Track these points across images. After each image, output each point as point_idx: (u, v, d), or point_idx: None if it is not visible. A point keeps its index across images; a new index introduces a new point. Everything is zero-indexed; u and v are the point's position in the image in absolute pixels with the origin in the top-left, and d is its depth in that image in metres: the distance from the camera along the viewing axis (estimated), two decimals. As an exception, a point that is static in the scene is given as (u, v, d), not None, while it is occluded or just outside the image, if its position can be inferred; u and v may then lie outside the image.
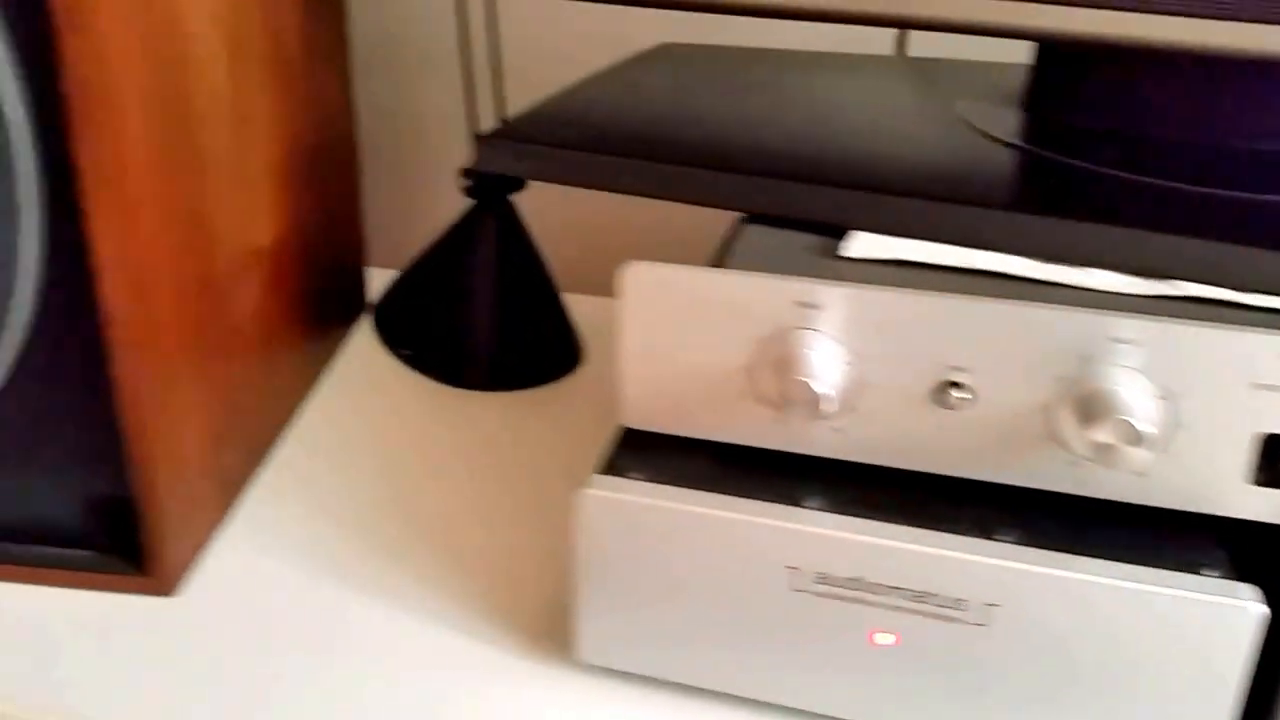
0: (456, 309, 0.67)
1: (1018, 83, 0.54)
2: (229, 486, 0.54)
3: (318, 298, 0.64)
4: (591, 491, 0.41)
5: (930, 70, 0.61)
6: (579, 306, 0.75)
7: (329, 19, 0.63)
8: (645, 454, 0.43)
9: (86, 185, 0.40)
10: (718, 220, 0.46)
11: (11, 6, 0.39)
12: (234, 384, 0.53)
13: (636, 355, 0.41)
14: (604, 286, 0.80)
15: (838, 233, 0.44)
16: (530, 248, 0.68)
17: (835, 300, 0.39)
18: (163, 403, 0.46)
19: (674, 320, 0.40)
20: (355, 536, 0.53)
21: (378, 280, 0.77)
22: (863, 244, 0.42)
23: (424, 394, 0.66)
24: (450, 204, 0.85)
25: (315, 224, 0.63)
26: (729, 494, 0.41)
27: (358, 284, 0.73)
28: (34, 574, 0.48)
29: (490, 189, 0.66)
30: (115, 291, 0.42)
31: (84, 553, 0.48)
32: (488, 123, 0.72)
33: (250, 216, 0.54)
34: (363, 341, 0.71)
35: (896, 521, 0.39)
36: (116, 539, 0.48)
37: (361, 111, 0.84)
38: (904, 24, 0.45)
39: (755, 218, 0.45)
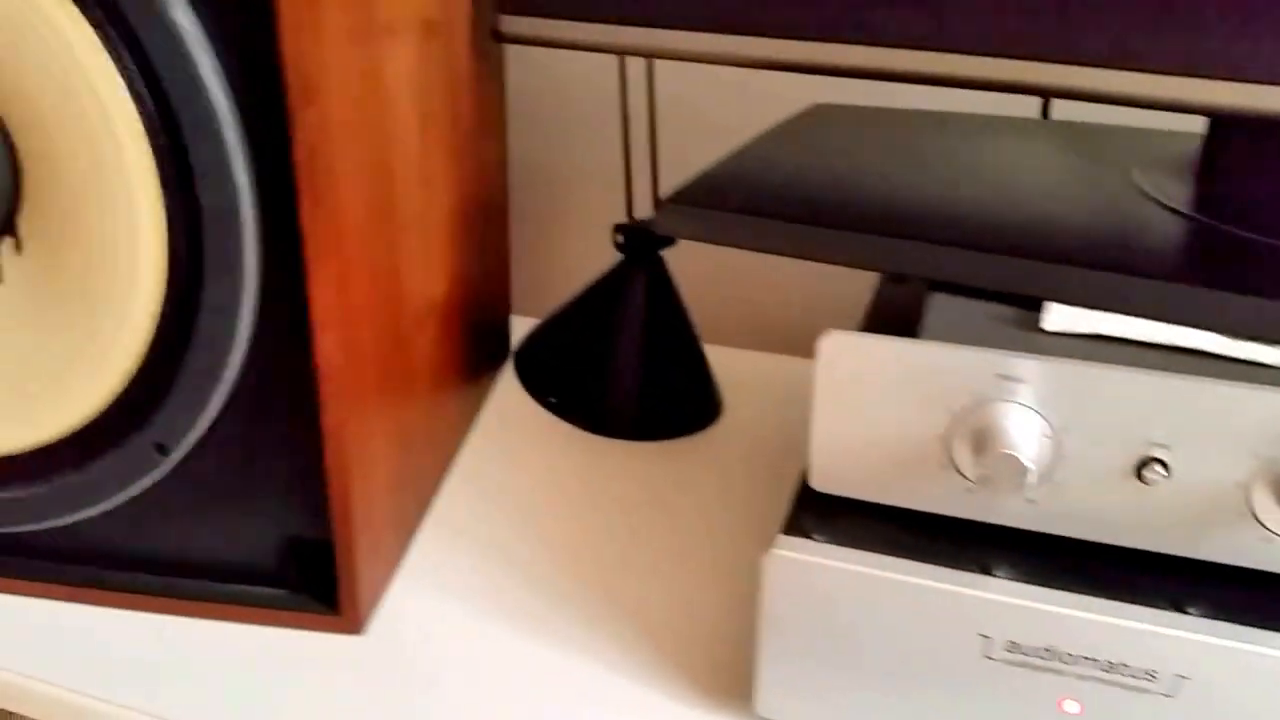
0: (602, 359, 0.69)
1: (1188, 151, 0.54)
2: (405, 529, 0.56)
3: (475, 345, 0.67)
4: (780, 553, 0.42)
5: (1088, 136, 0.62)
6: (717, 357, 0.76)
7: (495, 84, 0.66)
8: (828, 515, 0.44)
9: (310, 247, 0.43)
10: (860, 274, 0.47)
11: (245, 78, 0.41)
12: (410, 429, 0.55)
13: (829, 421, 0.43)
14: (742, 338, 0.82)
15: (1024, 301, 0.45)
16: (677, 301, 0.70)
17: (1036, 374, 0.40)
18: (360, 449, 0.48)
19: (869, 388, 0.42)
20: (521, 580, 0.55)
21: (517, 327, 0.79)
22: (1060, 317, 0.43)
23: (569, 441, 0.67)
24: (584, 253, 0.87)
25: (475, 274, 0.65)
26: (917, 559, 0.42)
27: (504, 331, 0.76)
28: (232, 610, 0.51)
29: (642, 245, 0.68)
30: (329, 345, 0.44)
31: (279, 591, 0.51)
32: (639, 178, 0.74)
33: (429, 270, 0.56)
34: (507, 387, 0.73)
35: (1089, 592, 0.40)
36: (309, 579, 0.50)
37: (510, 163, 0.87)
38: (1082, 97, 0.46)
39: (939, 284, 0.46)
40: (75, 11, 0.40)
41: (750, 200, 0.50)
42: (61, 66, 0.41)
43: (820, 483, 0.44)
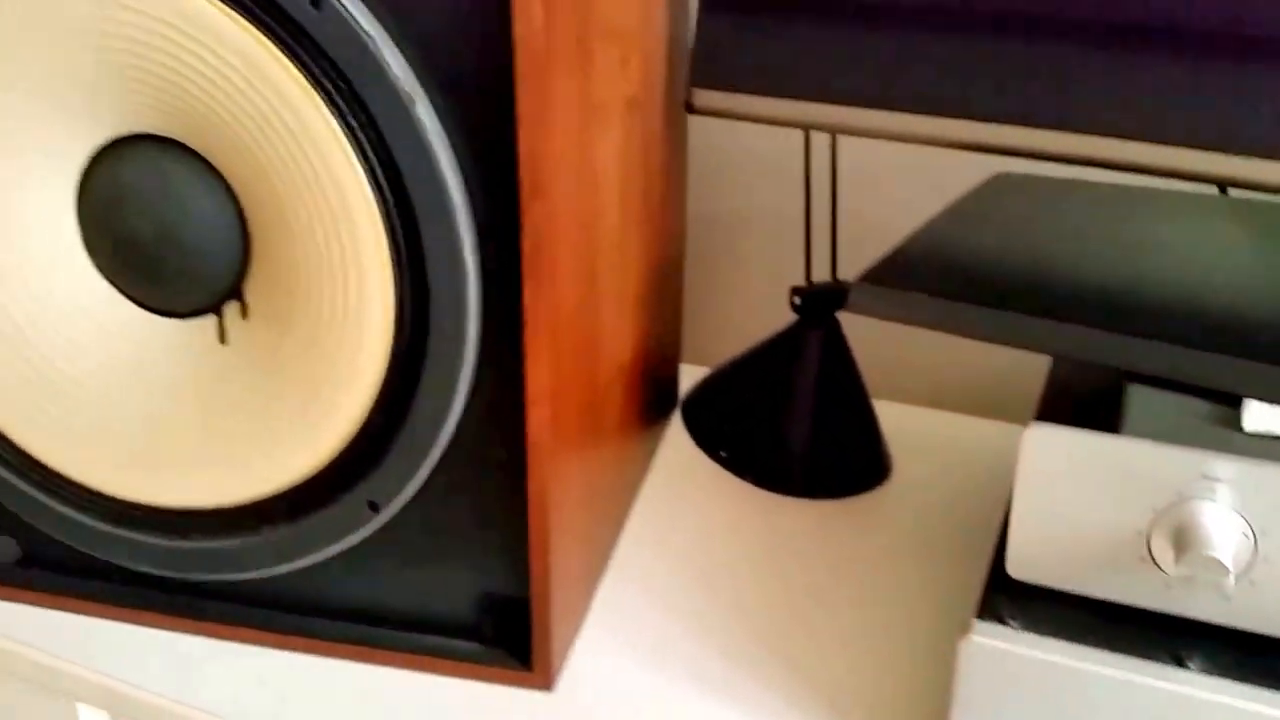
0: (775, 417, 0.70)
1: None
2: (590, 584, 0.58)
3: (651, 397, 0.69)
4: (979, 640, 0.43)
5: (1272, 214, 0.61)
6: (886, 412, 0.77)
7: (681, 148, 0.68)
8: (1021, 600, 0.45)
9: (529, 330, 0.45)
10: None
11: (477, 169, 0.44)
12: (597, 486, 0.58)
13: (1029, 510, 0.43)
14: (912, 394, 0.82)
15: (1226, 398, 0.45)
16: (851, 362, 0.71)
17: (1239, 475, 0.40)
18: (558, 511, 0.50)
19: (1072, 481, 0.42)
20: (700, 639, 0.56)
21: (683, 375, 0.81)
22: (1261, 417, 0.43)
23: (739, 495, 0.69)
24: (751, 306, 0.89)
25: (657, 331, 0.67)
26: (1112, 650, 0.42)
27: (674, 380, 0.77)
28: (427, 662, 0.53)
29: (819, 307, 0.69)
30: (538, 419, 0.47)
31: (474, 645, 0.53)
32: (819, 240, 0.75)
33: (620, 334, 0.58)
34: (675, 436, 0.75)
35: (1286, 692, 0.40)
36: (504, 634, 0.53)
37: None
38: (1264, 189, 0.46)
39: (1136, 375, 0.47)
40: (322, 105, 0.43)
41: (941, 282, 0.51)
42: (305, 152, 0.45)
43: (1017, 570, 0.45)
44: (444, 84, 0.43)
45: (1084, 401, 0.49)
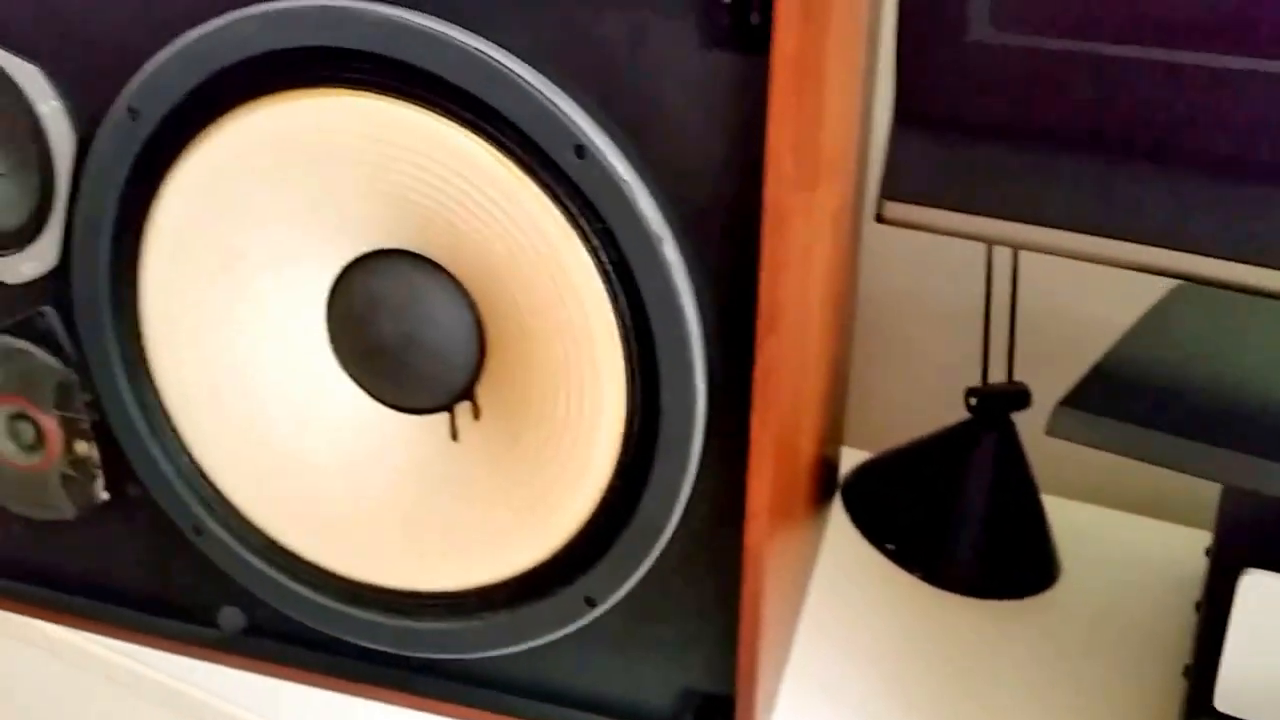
0: (944, 512, 0.72)
1: None
2: (779, 681, 0.61)
3: (823, 484, 0.71)
4: (1187, 771, 0.44)
5: None
6: (1054, 508, 0.78)
7: (859, 246, 0.71)
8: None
9: (754, 454, 0.48)
10: None
11: (714, 302, 0.47)
12: (790, 581, 0.60)
13: (1241, 652, 0.45)
14: (1082, 491, 0.83)
15: None
16: (1024, 464, 0.72)
17: None
18: (768, 609, 0.53)
19: (1285, 626, 0.44)
20: (887, 741, 0.58)
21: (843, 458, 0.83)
22: None
23: (907, 590, 0.71)
24: (914, 391, 0.91)
25: (833, 419, 0.70)
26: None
27: (837, 464, 0.80)
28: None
29: (995, 407, 0.71)
30: (757, 530, 0.50)
31: (671, 735, 0.56)
32: (997, 332, 0.77)
33: (812, 432, 0.61)
34: (835, 518, 0.77)
35: None
36: (701, 726, 0.56)
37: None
38: None
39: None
40: (576, 239, 0.47)
41: (1143, 409, 0.53)
42: (552, 276, 0.48)
43: (1224, 704, 0.46)
44: (689, 225, 0.46)
45: (1267, 527, 0.51)
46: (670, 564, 0.53)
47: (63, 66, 0.53)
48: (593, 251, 0.47)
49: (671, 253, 0.46)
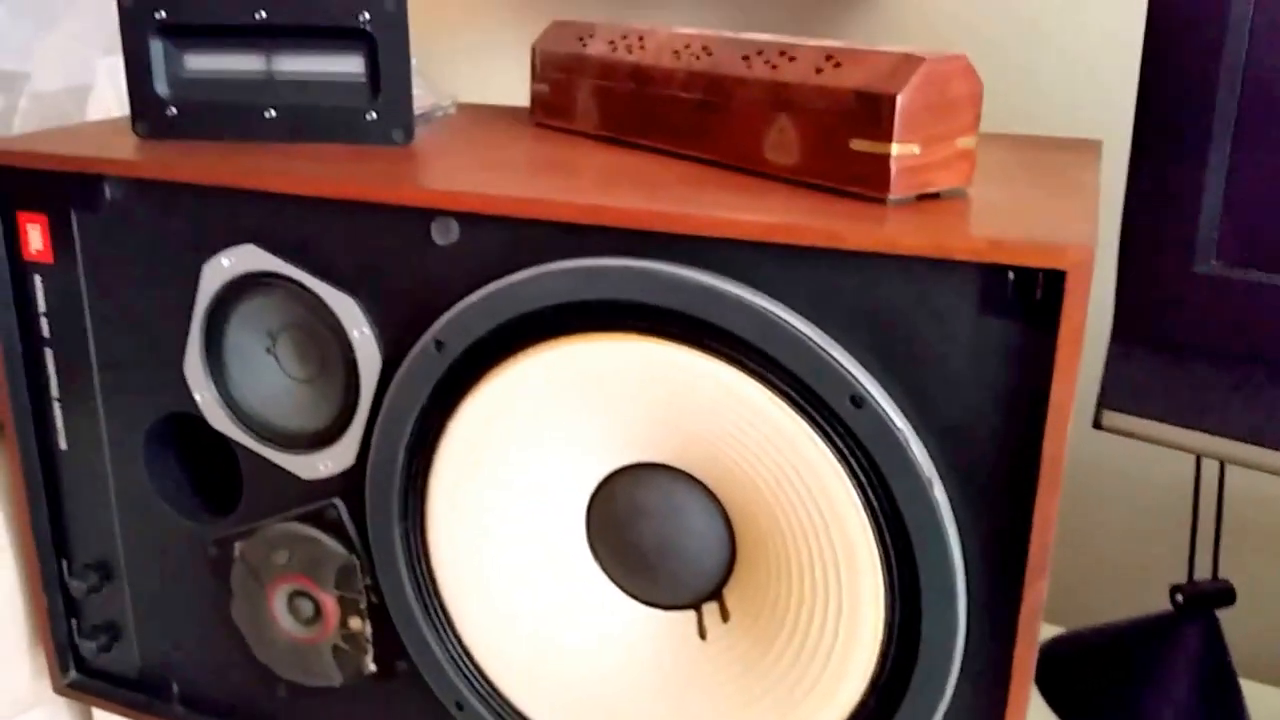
0: (1143, 701, 0.74)
1: None
2: None
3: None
4: None
5: None
6: (1253, 693, 0.79)
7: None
8: None
9: (1015, 684, 0.52)
10: None
11: (979, 542, 0.51)
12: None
13: None
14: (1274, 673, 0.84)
15: None
16: (1227, 658, 0.74)
17: None
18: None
19: None
20: None
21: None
22: None
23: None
24: (1108, 569, 0.92)
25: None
26: None
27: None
28: None
29: (1199, 604, 0.73)
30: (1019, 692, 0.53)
31: None
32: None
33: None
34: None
35: None
36: None
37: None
38: None
39: None
40: (847, 479, 0.51)
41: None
42: (818, 507, 0.53)
43: None
44: (960, 471, 0.50)
45: None
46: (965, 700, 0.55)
47: (376, 300, 0.59)
48: (860, 489, 0.51)
49: (940, 494, 0.50)
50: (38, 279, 0.68)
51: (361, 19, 0.64)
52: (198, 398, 0.65)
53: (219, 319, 0.64)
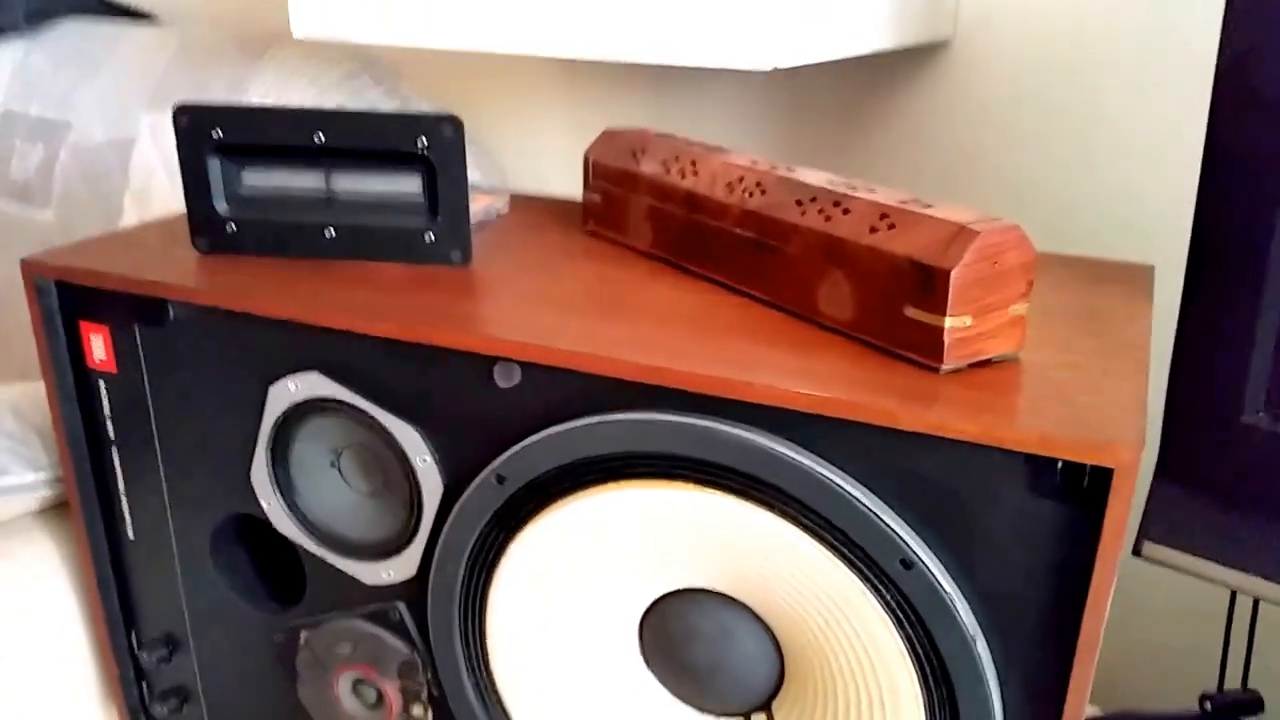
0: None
1: None
2: None
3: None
4: None
5: None
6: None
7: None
8: None
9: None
10: None
11: (1016, 690, 0.54)
12: None
13: None
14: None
15: None
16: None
17: None
18: None
19: None
20: None
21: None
22: None
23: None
24: (1136, 662, 0.96)
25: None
26: None
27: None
28: None
29: (1229, 713, 0.77)
30: None
31: None
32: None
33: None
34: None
35: None
36: None
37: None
38: None
39: None
40: (894, 632, 0.54)
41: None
42: (866, 651, 0.56)
43: None
44: (1003, 630, 0.53)
45: None
46: None
47: (438, 430, 0.62)
48: (907, 640, 0.54)
49: (983, 649, 0.53)
50: (102, 384, 0.71)
51: (420, 144, 0.65)
52: (264, 505, 0.68)
53: (285, 434, 0.66)
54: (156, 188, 1.13)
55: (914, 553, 0.53)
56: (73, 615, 0.79)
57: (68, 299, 0.69)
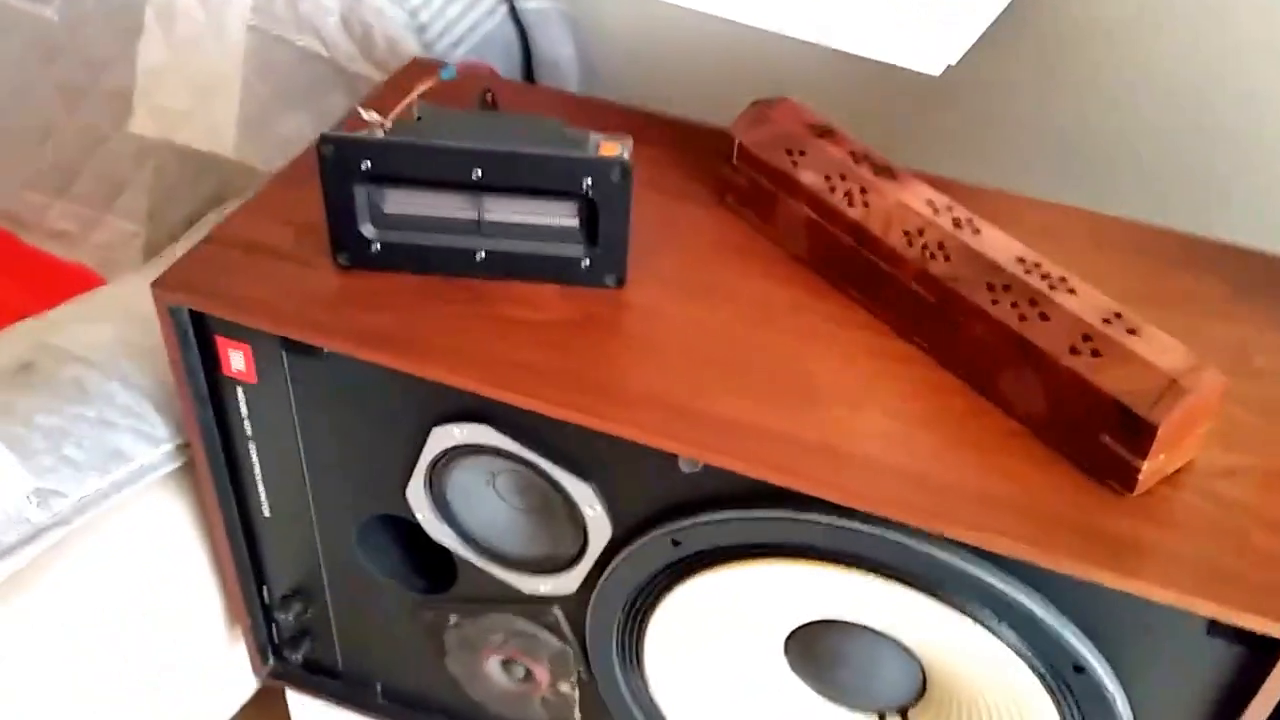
0: None
1: None
2: None
3: None
4: None
5: None
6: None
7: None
8: None
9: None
10: None
11: None
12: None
13: None
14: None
15: None
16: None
17: None
18: None
19: None
20: None
21: None
22: None
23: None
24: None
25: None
26: None
27: None
28: None
29: None
30: None
31: None
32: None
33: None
34: None
35: None
36: None
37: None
38: None
39: None
40: (1055, 713, 0.60)
41: None
42: (1018, 705, 0.61)
43: None
44: (1139, 700, 0.59)
45: None
46: None
47: (611, 492, 0.63)
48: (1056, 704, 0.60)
49: (1124, 708, 0.59)
50: (240, 390, 0.70)
51: (584, 185, 0.62)
52: (419, 516, 0.70)
53: (444, 461, 0.67)
54: (181, 8, 1.05)
55: (1086, 659, 0.57)
56: (204, 567, 0.81)
57: (201, 316, 0.67)
